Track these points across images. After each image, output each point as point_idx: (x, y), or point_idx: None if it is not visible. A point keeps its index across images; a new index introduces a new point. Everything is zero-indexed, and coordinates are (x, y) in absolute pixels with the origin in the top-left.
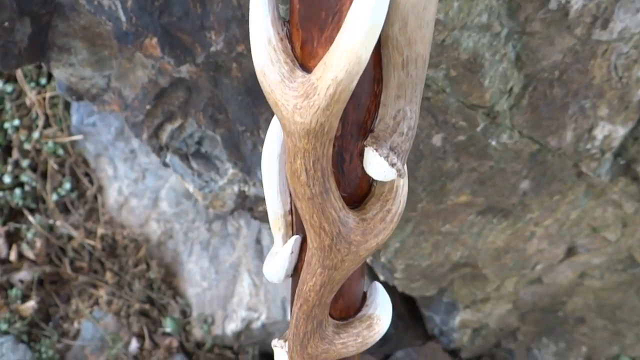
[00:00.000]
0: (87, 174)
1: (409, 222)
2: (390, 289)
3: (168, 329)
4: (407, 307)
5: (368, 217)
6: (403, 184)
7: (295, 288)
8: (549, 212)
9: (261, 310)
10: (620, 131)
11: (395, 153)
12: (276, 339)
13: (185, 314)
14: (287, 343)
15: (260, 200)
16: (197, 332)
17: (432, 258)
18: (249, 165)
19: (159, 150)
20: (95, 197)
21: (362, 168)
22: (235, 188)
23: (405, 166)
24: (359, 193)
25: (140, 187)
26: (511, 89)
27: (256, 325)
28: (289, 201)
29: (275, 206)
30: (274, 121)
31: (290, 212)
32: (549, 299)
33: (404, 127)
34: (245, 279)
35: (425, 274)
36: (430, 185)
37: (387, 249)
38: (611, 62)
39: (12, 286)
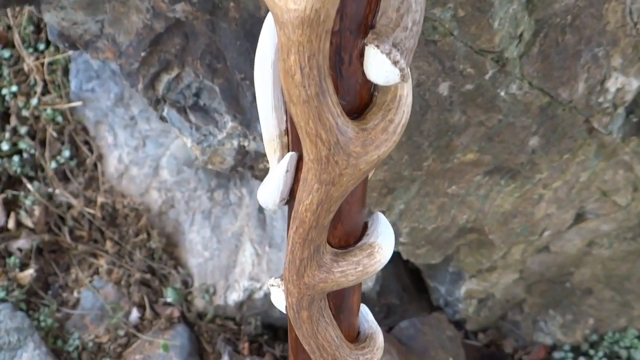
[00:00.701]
0: (86, 142)
1: (415, 182)
2: (394, 261)
3: (169, 299)
4: (412, 279)
5: (369, 127)
6: (407, 93)
7: (292, 212)
8: (558, 172)
9: (263, 280)
10: (634, 84)
11: (398, 50)
12: (272, 278)
13: (186, 284)
14: (283, 281)
15: (261, 157)
16: (199, 303)
17: (438, 221)
18: (248, 119)
19: (156, 103)
20: (95, 166)
21: (363, 73)
22: (235, 143)
23: (409, 71)
24: (359, 103)
25: (140, 155)
26: (521, 35)
27: (258, 295)
28: (284, 119)
29: (269, 124)
30: (267, 20)
31: (286, 131)
32: (556, 269)
33: (408, 20)
34: (247, 249)
35: (430, 239)
36: (436, 141)
37: (392, 211)
38: (626, 6)
39: (10, 254)
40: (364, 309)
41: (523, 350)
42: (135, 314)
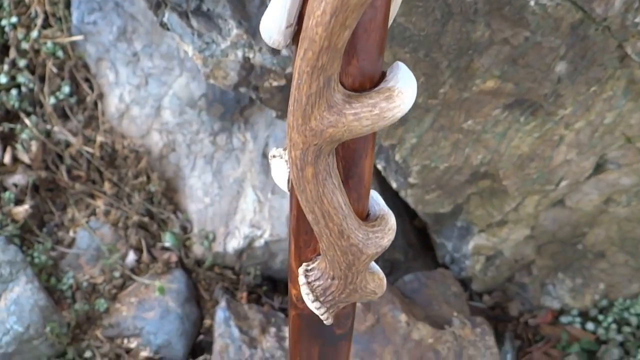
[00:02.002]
0: (87, 79)
1: (429, 112)
2: (400, 216)
3: (167, 244)
4: (417, 236)
5: None
6: None
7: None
8: (582, 109)
9: (265, 228)
10: None
11: None
12: (274, 148)
13: (185, 229)
14: (287, 151)
15: (267, 73)
16: (197, 249)
17: (451, 160)
18: (254, 27)
19: (156, 7)
20: (95, 104)
21: None
22: (239, 54)
23: None
24: None
25: (142, 94)
26: None
27: (259, 243)
28: None
29: None
30: None
31: None
32: (570, 228)
33: None
34: (249, 195)
35: (441, 183)
36: (456, 60)
37: (403, 145)
38: None
39: (5, 189)
40: (374, 193)
41: (529, 314)
42: (131, 256)
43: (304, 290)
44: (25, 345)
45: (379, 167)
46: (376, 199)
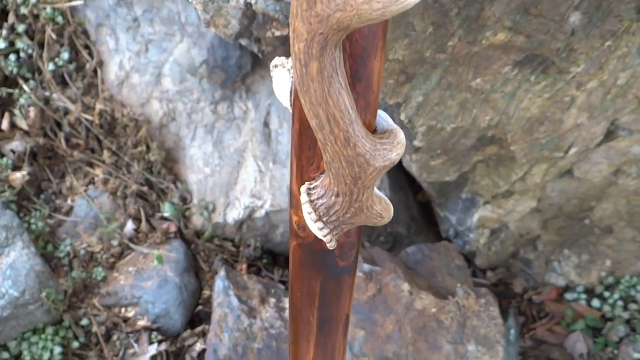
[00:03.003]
0: (86, 46)
1: (436, 68)
2: (403, 190)
3: (166, 214)
4: (421, 211)
5: None
6: None
7: None
8: (595, 67)
9: (265, 198)
10: None
11: None
12: (277, 57)
13: (185, 200)
14: (289, 58)
15: (269, 22)
16: (197, 220)
17: (458, 121)
18: None
19: None
20: (95, 72)
21: None
22: (241, 0)
23: None
24: None
25: (142, 61)
26: None
27: (259, 214)
28: None
29: None
30: None
31: None
32: (577, 201)
33: None
34: (250, 165)
35: (447, 147)
36: (466, 8)
37: (409, 104)
38: None
39: (2, 155)
40: (382, 112)
41: (533, 291)
42: (130, 225)
43: (306, 209)
44: (21, 310)
45: None
46: (384, 117)
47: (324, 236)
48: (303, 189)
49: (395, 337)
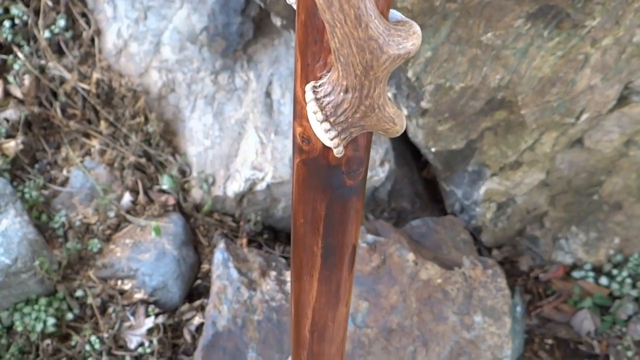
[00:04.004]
0: (83, 14)
1: (446, 20)
2: (408, 164)
3: (165, 187)
4: (426, 188)
5: None
6: None
7: None
8: (611, 21)
9: (267, 170)
10: None
11: None
12: None
13: (184, 173)
14: None
15: None
16: (196, 193)
17: (467, 79)
18: None
19: None
20: (92, 40)
21: None
22: None
23: None
24: None
25: (141, 29)
26: None
27: (260, 186)
28: None
29: None
30: None
31: None
32: (586, 175)
33: None
34: (251, 137)
35: (455, 110)
36: None
37: (417, 60)
38: None
39: None
40: (394, 10)
41: (540, 269)
42: (127, 197)
43: (312, 108)
44: (13, 279)
45: (389, 94)
46: (397, 13)
47: (331, 140)
48: (308, 87)
49: (400, 308)
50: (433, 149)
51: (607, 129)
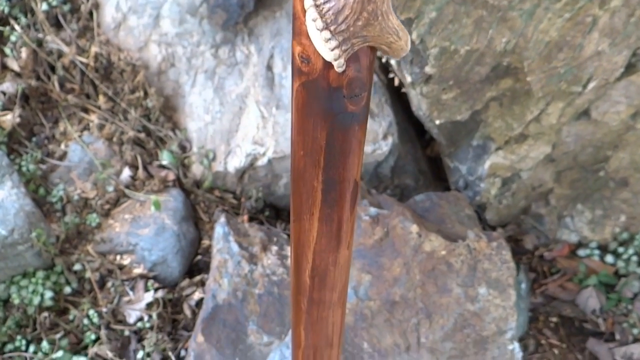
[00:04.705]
0: None
1: None
2: (411, 141)
3: (164, 162)
4: (429, 166)
5: None
6: None
7: None
8: None
9: (268, 145)
10: None
11: None
12: None
13: (184, 149)
14: None
15: None
16: (197, 169)
17: (473, 42)
18: None
19: None
20: (90, 14)
21: None
22: None
23: None
24: None
25: (140, 2)
26: None
27: (262, 162)
28: None
29: None
30: None
31: None
32: (592, 150)
33: None
34: (252, 111)
35: (460, 76)
36: None
37: (421, 20)
38: None
39: None
40: None
41: (545, 248)
42: (126, 172)
43: (311, 16)
44: (10, 250)
45: (392, 62)
46: None
47: (331, 50)
48: None
49: (403, 280)
50: (437, 122)
51: (615, 99)
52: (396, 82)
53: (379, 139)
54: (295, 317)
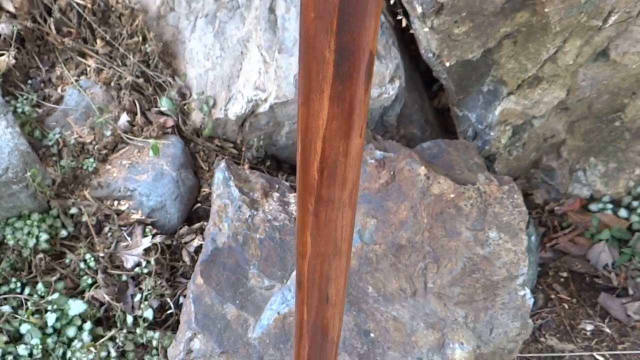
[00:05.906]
0: None
1: None
2: (418, 91)
3: (163, 108)
4: (436, 117)
5: None
6: None
7: None
8: None
9: (270, 90)
10: None
11: None
12: None
13: (184, 96)
14: None
15: None
16: (196, 116)
17: None
18: None
19: None
20: None
21: None
22: None
23: None
24: None
25: None
26: None
27: (263, 108)
28: None
29: None
30: None
31: None
32: (609, 97)
33: None
34: (254, 56)
35: (473, 7)
36: None
37: None
38: None
39: None
40: None
41: (555, 202)
42: (124, 118)
43: None
44: (4, 189)
45: None
46: None
47: None
48: None
49: (410, 224)
50: (447, 63)
51: (636, 37)
52: (404, 23)
53: (385, 82)
54: (301, 220)
